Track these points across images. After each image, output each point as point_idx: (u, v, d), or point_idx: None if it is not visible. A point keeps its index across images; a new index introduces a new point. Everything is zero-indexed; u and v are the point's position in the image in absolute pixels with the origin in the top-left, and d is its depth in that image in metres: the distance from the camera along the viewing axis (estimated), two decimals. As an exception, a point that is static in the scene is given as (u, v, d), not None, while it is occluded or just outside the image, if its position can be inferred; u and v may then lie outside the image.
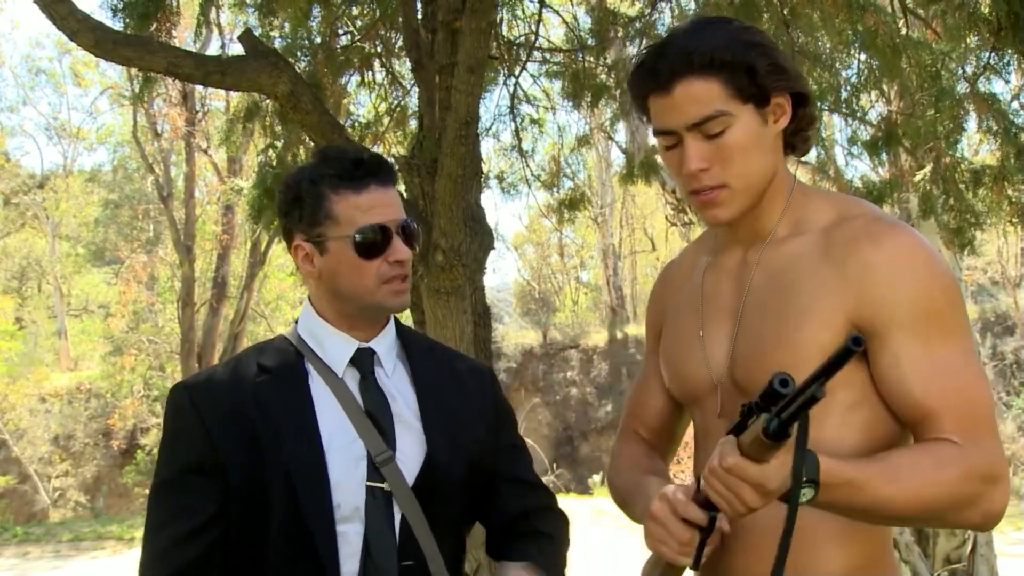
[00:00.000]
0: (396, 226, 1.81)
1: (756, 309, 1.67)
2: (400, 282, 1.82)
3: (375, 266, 1.80)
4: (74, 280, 35.65)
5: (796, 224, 1.70)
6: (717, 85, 1.61)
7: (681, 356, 1.80)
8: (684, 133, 1.62)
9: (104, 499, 25.85)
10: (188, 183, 15.19)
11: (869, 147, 6.12)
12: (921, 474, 1.44)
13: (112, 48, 4.60)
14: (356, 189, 1.81)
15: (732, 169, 1.62)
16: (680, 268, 1.95)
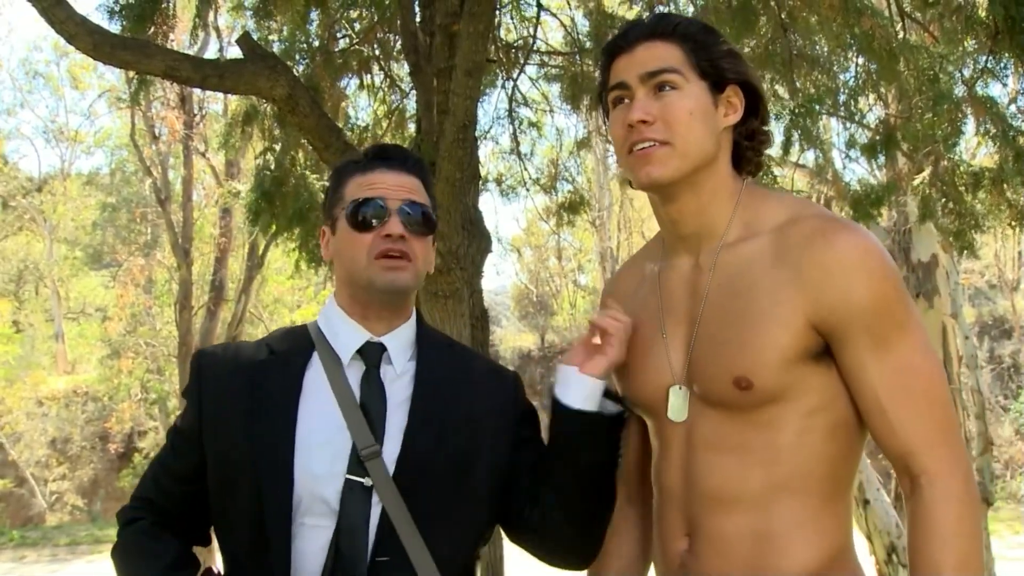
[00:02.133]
0: (396, 204, 1.83)
1: (714, 314, 1.68)
2: (393, 259, 1.80)
3: (367, 239, 1.82)
4: (71, 283, 35.62)
5: (747, 225, 1.70)
6: (677, 50, 1.68)
7: (639, 362, 1.79)
8: (636, 85, 1.67)
9: (101, 503, 25.81)
10: (186, 186, 15.16)
11: (867, 150, 6.12)
12: (958, 556, 1.52)
13: (110, 51, 4.60)
14: (364, 171, 1.89)
15: (676, 129, 1.65)
16: (627, 279, 1.95)
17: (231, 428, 1.79)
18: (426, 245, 1.88)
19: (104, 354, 25.87)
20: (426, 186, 1.93)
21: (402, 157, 1.92)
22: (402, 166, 1.89)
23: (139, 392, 24.89)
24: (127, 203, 27.39)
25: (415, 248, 1.83)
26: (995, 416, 20.60)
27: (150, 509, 1.95)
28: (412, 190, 1.87)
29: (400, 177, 1.87)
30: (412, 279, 1.84)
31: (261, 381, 1.82)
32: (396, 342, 1.87)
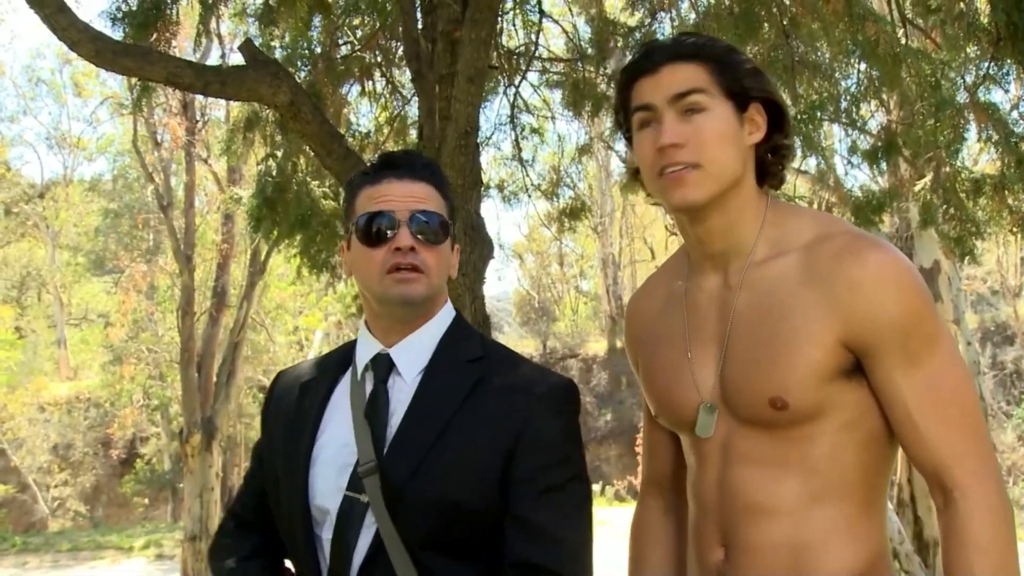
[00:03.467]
0: (405, 215, 1.79)
1: (743, 333, 1.69)
2: (406, 271, 1.77)
3: (379, 254, 1.78)
4: (74, 289, 35.65)
5: (775, 243, 1.71)
6: (703, 71, 1.67)
7: (668, 382, 1.80)
8: (663, 108, 1.67)
9: (103, 508, 25.82)
10: (188, 192, 15.17)
11: (869, 157, 6.12)
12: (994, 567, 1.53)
13: (112, 58, 4.61)
14: (373, 182, 1.85)
15: (707, 151, 1.65)
16: (651, 297, 1.94)
17: (276, 444, 1.87)
18: (439, 254, 1.82)
19: (106, 360, 25.89)
20: (440, 189, 1.88)
21: (410, 164, 1.87)
22: (411, 173, 1.85)
23: (141, 398, 24.90)
24: (129, 209, 27.42)
25: (427, 259, 1.79)
26: (998, 422, 20.57)
27: (235, 517, 1.99)
28: (423, 198, 1.82)
29: (410, 186, 1.83)
30: (425, 290, 1.79)
31: (302, 397, 1.87)
32: (406, 353, 1.82)
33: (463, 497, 1.68)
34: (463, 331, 1.90)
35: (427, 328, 1.85)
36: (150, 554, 19.54)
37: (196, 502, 13.33)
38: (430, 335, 1.85)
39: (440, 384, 1.78)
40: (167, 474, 24.94)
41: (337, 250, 4.23)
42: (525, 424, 1.73)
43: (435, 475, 1.69)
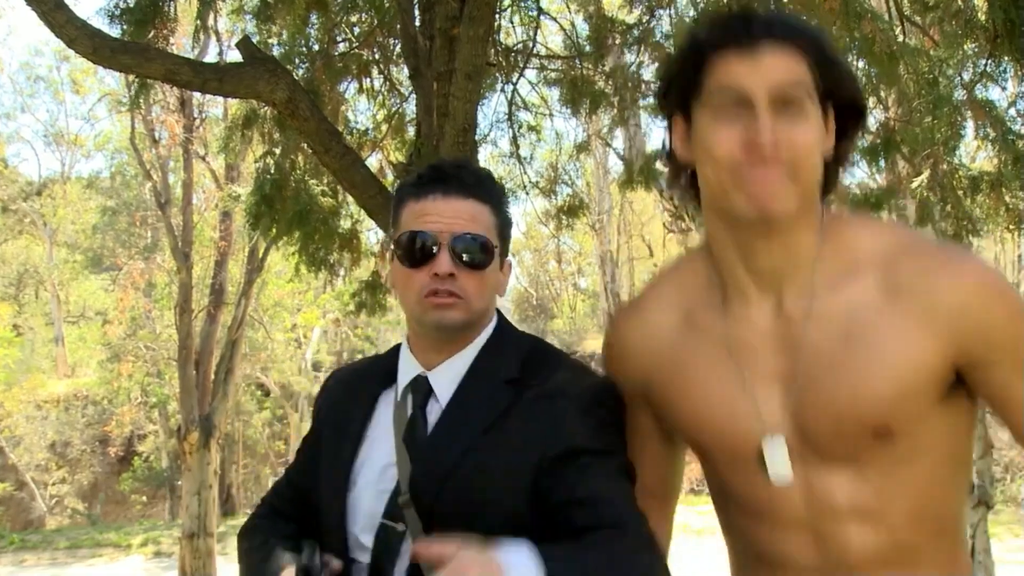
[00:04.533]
0: (448, 237, 1.70)
1: (824, 365, 1.51)
2: (443, 297, 1.69)
3: (419, 276, 1.71)
4: (71, 287, 35.62)
5: (839, 260, 1.53)
6: (804, 63, 1.46)
7: (721, 413, 1.59)
8: (760, 100, 1.43)
9: (101, 506, 25.82)
10: (186, 190, 15.15)
11: (867, 154, 6.12)
12: None
13: (110, 55, 4.61)
14: (418, 196, 1.75)
15: (803, 162, 1.45)
16: (656, 324, 1.70)
17: (323, 447, 1.83)
18: (482, 278, 1.73)
19: (104, 358, 25.87)
20: (492, 204, 1.77)
21: (459, 179, 1.76)
22: (459, 190, 1.74)
23: (139, 396, 24.89)
24: (127, 207, 27.41)
25: (467, 284, 1.70)
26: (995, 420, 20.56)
27: (270, 506, 1.95)
28: (471, 218, 1.72)
29: (457, 204, 1.73)
30: (463, 316, 1.71)
31: (350, 405, 1.83)
32: (443, 376, 1.75)
33: (493, 522, 1.58)
34: (502, 348, 1.79)
35: (467, 351, 1.77)
36: (148, 552, 19.54)
37: (194, 500, 13.33)
38: (465, 356, 1.77)
39: (467, 408, 1.71)
40: (165, 472, 24.95)
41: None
42: (555, 430, 1.63)
43: (460, 501, 1.62)
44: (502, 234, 1.80)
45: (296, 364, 25.73)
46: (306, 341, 25.75)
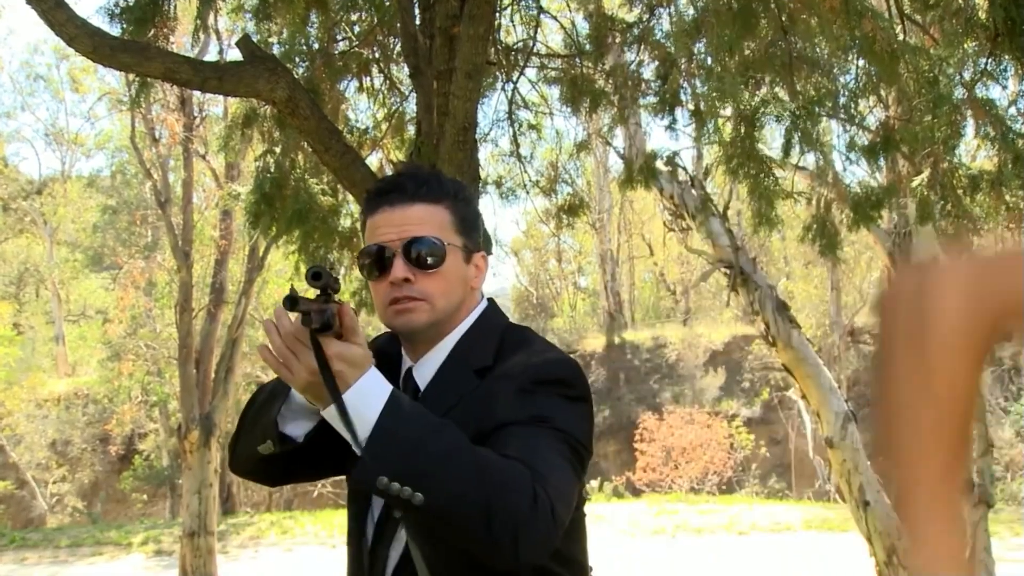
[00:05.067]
0: (398, 245, 1.76)
1: None
2: (404, 302, 1.76)
3: (382, 288, 1.79)
4: (72, 285, 35.66)
5: None
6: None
7: None
8: None
9: (102, 505, 25.82)
10: (186, 189, 15.16)
11: (867, 153, 6.12)
12: None
13: (110, 54, 4.60)
14: (370, 213, 1.84)
15: None
16: None
17: None
18: (441, 277, 1.78)
19: (104, 356, 25.90)
20: (443, 202, 1.82)
21: (401, 188, 1.82)
22: (403, 198, 1.80)
23: (139, 394, 24.90)
24: (127, 205, 27.44)
25: (426, 286, 1.77)
26: (995, 418, 20.59)
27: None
28: (419, 221, 1.78)
29: (403, 212, 1.79)
30: (426, 318, 1.77)
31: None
32: (424, 369, 1.83)
33: None
34: (481, 335, 1.84)
35: (445, 343, 1.83)
36: (149, 550, 19.54)
37: (195, 498, 13.34)
38: (442, 350, 1.83)
39: (432, 399, 1.75)
40: (166, 470, 24.96)
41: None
42: (489, 410, 1.65)
43: None
44: (463, 229, 1.84)
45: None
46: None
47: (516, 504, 1.46)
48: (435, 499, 1.45)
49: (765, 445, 23.55)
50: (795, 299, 24.53)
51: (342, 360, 1.53)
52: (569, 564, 1.77)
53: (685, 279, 33.81)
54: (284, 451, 1.75)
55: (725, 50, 5.34)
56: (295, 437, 1.76)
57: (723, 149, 5.81)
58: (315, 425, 1.75)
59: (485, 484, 1.46)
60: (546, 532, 1.49)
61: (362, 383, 1.54)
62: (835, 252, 6.48)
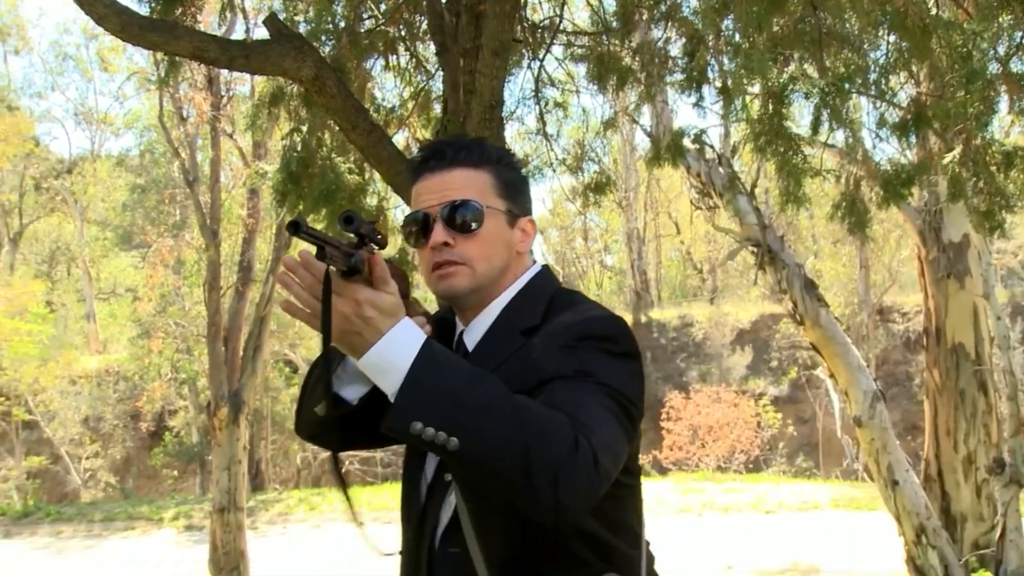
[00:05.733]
0: (437, 210, 1.78)
1: None
2: (445, 267, 1.78)
3: (425, 254, 1.80)
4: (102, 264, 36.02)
5: None
6: None
7: None
8: None
9: (133, 480, 26.18)
10: (214, 167, 15.22)
11: (897, 129, 6.04)
12: None
13: (138, 33, 4.62)
14: (414, 181, 1.86)
15: None
16: None
17: None
18: (481, 240, 1.79)
19: (134, 334, 26.15)
20: (487, 165, 1.84)
21: (440, 154, 1.84)
22: (442, 164, 1.82)
23: (169, 372, 25.14)
24: (156, 184, 27.60)
25: (466, 250, 1.78)
26: (1026, 398, 20.38)
27: None
28: (459, 186, 1.80)
29: (443, 177, 1.81)
30: (466, 282, 1.79)
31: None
32: (473, 333, 1.85)
33: None
34: (529, 298, 1.84)
35: (492, 307, 1.84)
36: (179, 525, 19.81)
37: (224, 474, 13.47)
38: (494, 313, 1.84)
39: (479, 360, 1.72)
40: (195, 447, 25.23)
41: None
42: (534, 367, 1.65)
43: None
44: (506, 194, 1.85)
45: (324, 341, 25.84)
46: (334, 318, 25.82)
47: (555, 450, 1.44)
48: (470, 444, 1.44)
49: (792, 424, 23.46)
50: (823, 277, 24.36)
51: (373, 307, 1.51)
52: (621, 531, 1.75)
53: (712, 258, 33.64)
54: (338, 414, 1.75)
55: (753, 26, 5.27)
56: (349, 400, 1.78)
57: (751, 127, 5.75)
58: (369, 390, 1.75)
59: (523, 430, 1.44)
60: (587, 480, 1.46)
61: (395, 332, 1.52)
62: (864, 230, 6.41)
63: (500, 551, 1.66)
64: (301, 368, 25.52)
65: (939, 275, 10.26)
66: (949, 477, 9.94)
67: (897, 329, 25.10)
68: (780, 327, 24.68)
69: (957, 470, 9.91)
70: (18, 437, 25.51)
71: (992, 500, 9.46)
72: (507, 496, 1.49)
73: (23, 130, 26.60)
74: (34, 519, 21.10)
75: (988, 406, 10.05)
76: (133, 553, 17.86)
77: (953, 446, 9.97)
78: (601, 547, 1.69)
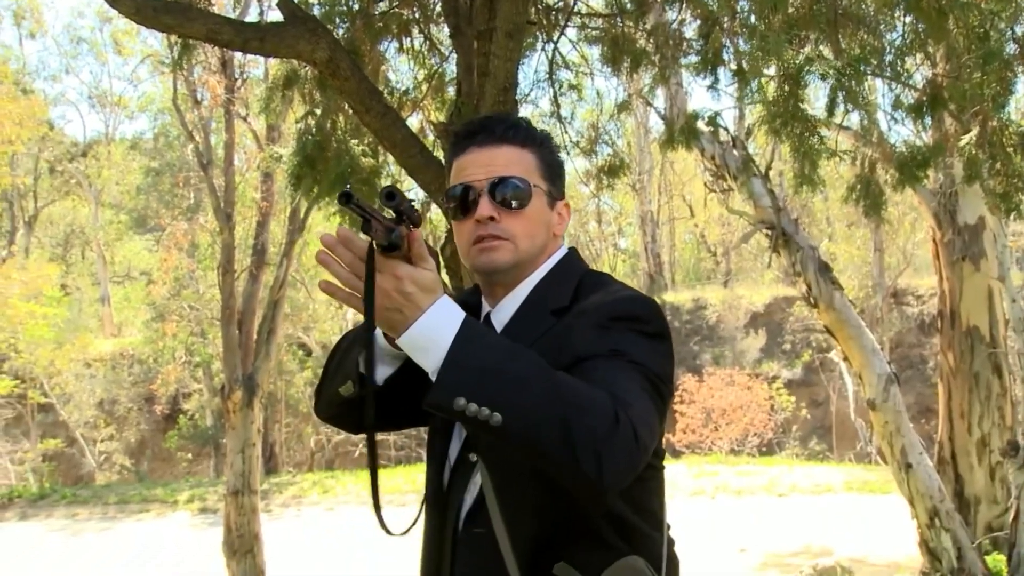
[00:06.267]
0: (484, 184, 1.79)
1: None
2: (488, 241, 1.78)
3: (467, 226, 1.80)
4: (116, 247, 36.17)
5: None
6: None
7: None
8: None
9: (148, 463, 26.35)
10: (228, 151, 15.22)
11: (913, 111, 6.00)
12: None
13: (152, 15, 4.63)
14: (456, 154, 1.86)
15: None
16: None
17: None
18: (525, 218, 1.80)
19: (149, 317, 26.27)
20: (530, 147, 1.86)
21: (489, 129, 1.85)
22: (491, 139, 1.83)
23: (183, 355, 25.26)
24: (170, 167, 27.64)
25: (511, 226, 1.79)
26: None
27: None
28: (506, 163, 1.81)
29: (491, 152, 1.82)
30: (510, 257, 1.79)
31: None
32: (502, 313, 1.84)
33: None
34: (559, 279, 1.85)
35: (522, 287, 1.84)
36: (194, 508, 19.95)
37: (238, 457, 13.53)
38: (517, 296, 1.84)
39: (510, 337, 1.72)
40: (210, 429, 25.37)
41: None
42: (568, 345, 1.65)
43: None
44: (548, 175, 1.87)
45: (337, 324, 25.97)
46: (347, 301, 25.85)
47: (597, 425, 1.45)
48: (514, 420, 1.44)
49: (806, 407, 23.44)
50: (837, 260, 24.27)
51: (414, 283, 1.51)
52: (645, 514, 1.76)
53: (726, 240, 33.55)
54: (364, 394, 1.74)
55: (769, 7, 5.25)
56: (376, 381, 1.77)
57: (766, 109, 5.72)
58: (395, 371, 1.77)
59: (565, 405, 1.45)
60: (629, 455, 1.48)
61: (435, 308, 1.52)
62: (879, 213, 6.38)
63: (527, 531, 1.66)
64: (315, 351, 25.62)
65: (954, 258, 10.22)
66: (963, 460, 9.93)
67: (911, 312, 25.00)
68: (794, 310, 24.63)
69: (971, 453, 9.90)
70: (33, 420, 25.69)
71: (1006, 483, 9.44)
72: (549, 471, 1.50)
73: (37, 113, 26.64)
74: (50, 501, 21.29)
75: (1002, 389, 10.02)
76: (148, 536, 18.01)
77: (967, 429, 9.95)
78: (626, 529, 1.70)
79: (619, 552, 1.67)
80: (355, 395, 1.76)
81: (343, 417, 1.91)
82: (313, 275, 24.53)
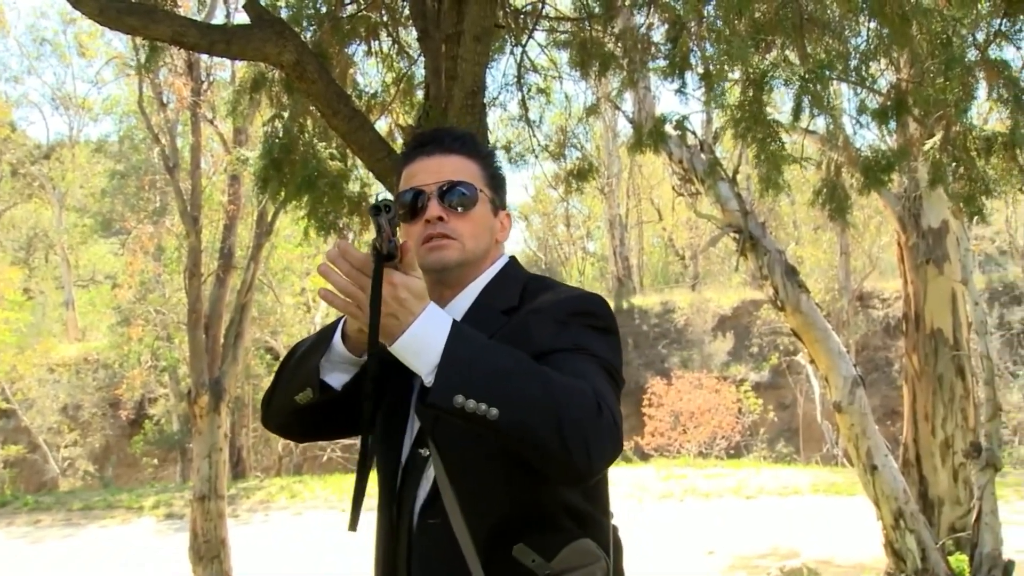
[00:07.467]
0: (433, 188, 1.91)
1: None
2: (437, 240, 1.89)
3: (417, 228, 1.91)
4: (81, 251, 35.74)
5: None
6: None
7: None
8: None
9: (113, 468, 26.05)
10: (194, 153, 15.09)
11: (878, 116, 6.07)
12: None
13: (116, 16, 4.58)
14: (407, 162, 2.00)
15: None
16: None
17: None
18: (472, 220, 1.93)
19: (114, 321, 26.00)
20: (476, 158, 1.99)
21: (439, 140, 1.99)
22: (440, 148, 1.97)
23: (149, 359, 25.02)
24: (136, 170, 27.34)
25: (458, 227, 1.91)
26: (1004, 382, 20.60)
27: None
28: (454, 170, 1.94)
29: (439, 161, 1.95)
30: (457, 255, 1.90)
31: None
32: (450, 313, 1.84)
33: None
34: (505, 282, 1.97)
35: (470, 289, 1.96)
36: (160, 513, 19.75)
37: (205, 462, 13.41)
38: (467, 296, 1.96)
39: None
40: (176, 435, 25.14)
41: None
42: (526, 341, 1.74)
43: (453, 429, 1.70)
44: (492, 185, 2.02)
45: (305, 328, 25.81)
46: (315, 305, 25.80)
47: (583, 414, 1.57)
48: (509, 413, 1.54)
49: (773, 410, 23.59)
50: (804, 264, 24.48)
51: (408, 290, 1.61)
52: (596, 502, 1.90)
53: (694, 244, 33.73)
54: (322, 400, 1.83)
55: (735, 12, 5.28)
56: (334, 388, 1.85)
57: (729, 113, 5.76)
58: (352, 377, 1.84)
59: (555, 397, 1.57)
60: (612, 441, 1.62)
61: (427, 313, 1.62)
62: (845, 216, 6.44)
63: (483, 519, 1.76)
64: (282, 355, 25.42)
65: (918, 261, 10.34)
66: (927, 461, 10.04)
67: (877, 315, 25.25)
68: (761, 313, 24.79)
69: (935, 454, 10.01)
70: (-5, 425, 25.36)
71: (969, 484, 9.56)
72: (537, 458, 1.60)
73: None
74: (11, 508, 21.00)
75: (965, 391, 10.14)
76: (112, 542, 17.79)
77: (931, 431, 10.06)
78: (579, 515, 1.82)
79: (573, 535, 1.79)
80: (313, 402, 1.84)
81: (292, 426, 2.01)
82: (281, 279, 24.39)
